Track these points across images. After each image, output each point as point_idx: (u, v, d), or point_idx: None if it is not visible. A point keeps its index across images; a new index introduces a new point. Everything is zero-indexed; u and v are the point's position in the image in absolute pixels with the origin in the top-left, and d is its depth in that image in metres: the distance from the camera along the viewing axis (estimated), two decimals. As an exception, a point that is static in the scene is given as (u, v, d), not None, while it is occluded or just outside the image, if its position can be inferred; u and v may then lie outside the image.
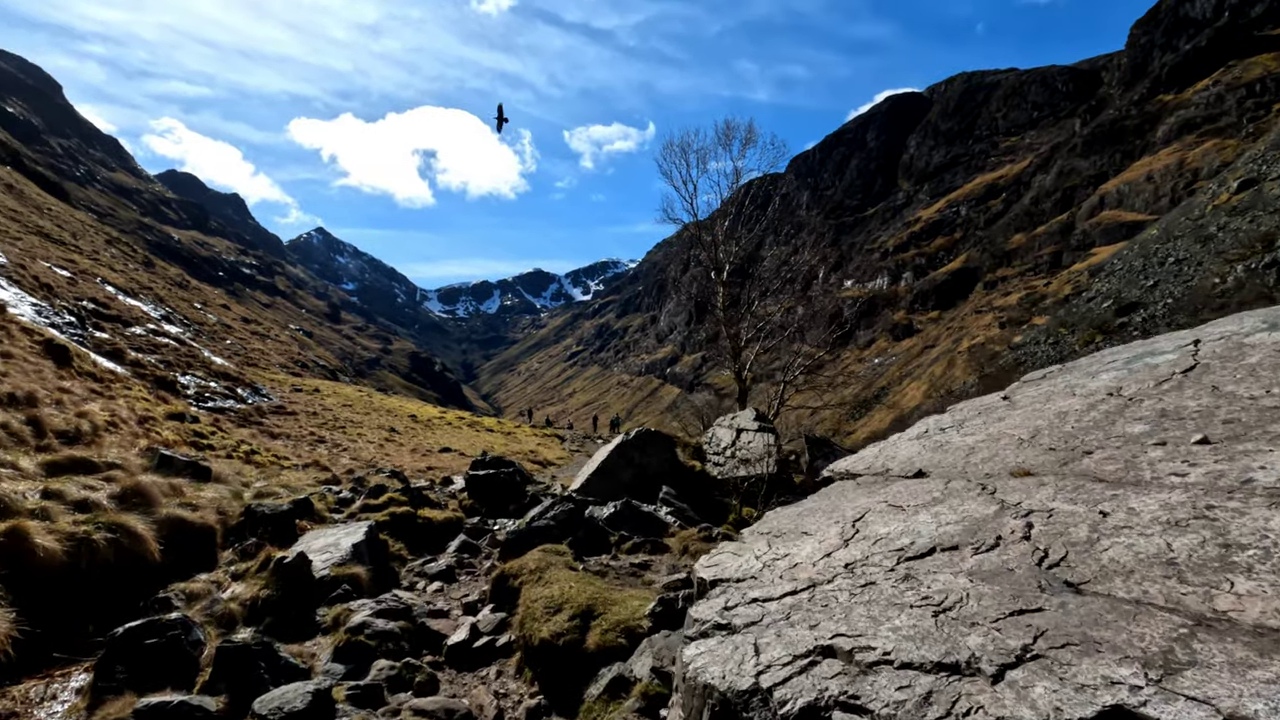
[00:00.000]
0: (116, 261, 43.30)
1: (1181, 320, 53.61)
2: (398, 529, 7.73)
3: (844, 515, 2.81)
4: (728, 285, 21.58)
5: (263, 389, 21.39)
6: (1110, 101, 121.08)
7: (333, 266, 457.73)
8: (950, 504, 2.53)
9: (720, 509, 8.67)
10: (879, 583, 2.08)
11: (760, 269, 22.12)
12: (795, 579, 2.26)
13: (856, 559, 2.27)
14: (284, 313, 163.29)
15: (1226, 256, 57.06)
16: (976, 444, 3.20)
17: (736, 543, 2.99)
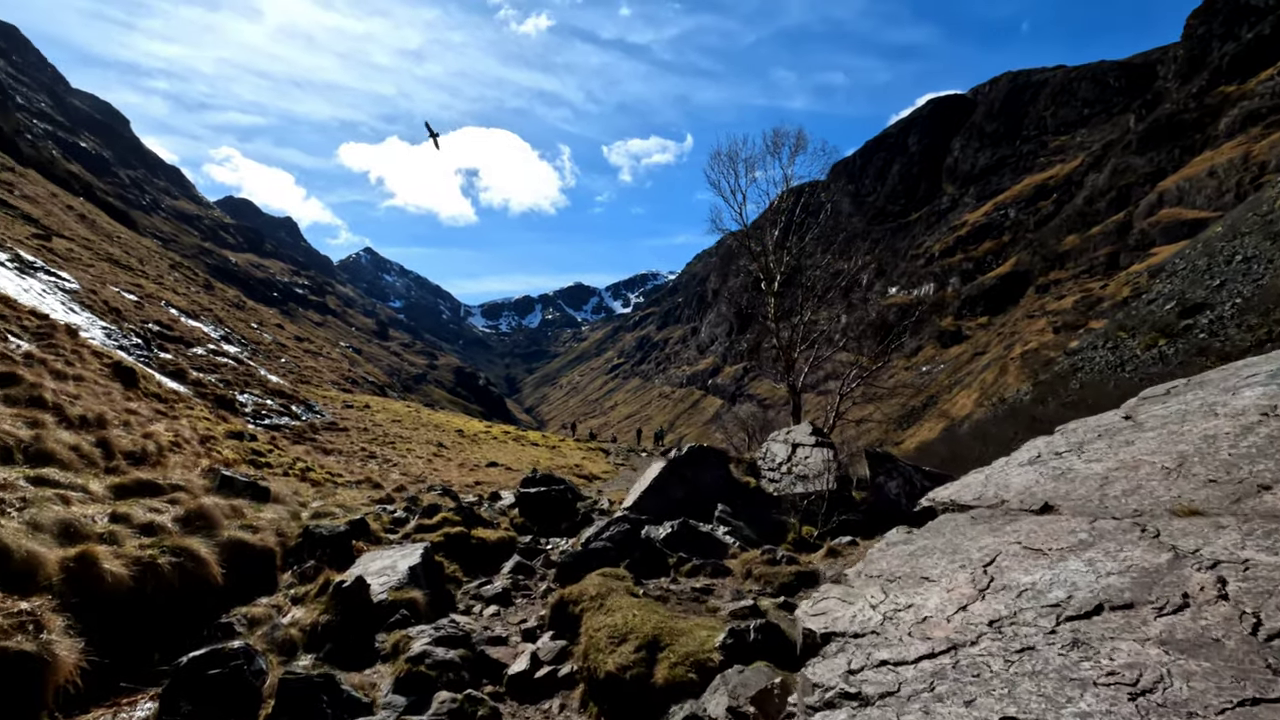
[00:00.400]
0: (179, 285, 45.22)
1: (1253, 321, 50.83)
2: (452, 550, 7.66)
3: (969, 558, 2.53)
4: (779, 296, 21.28)
5: (316, 406, 21.89)
6: (1167, 95, 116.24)
7: (380, 285, 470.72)
8: (1104, 548, 2.22)
9: (778, 527, 8.40)
10: (1039, 648, 1.78)
11: (812, 278, 21.67)
12: (929, 637, 2.00)
13: (1002, 615, 1.98)
14: (334, 331, 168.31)
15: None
16: (1109, 473, 2.87)
17: (842, 586, 2.74)
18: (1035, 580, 2.11)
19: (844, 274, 21.71)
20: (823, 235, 22.20)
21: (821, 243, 21.91)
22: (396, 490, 12.02)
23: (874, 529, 7.78)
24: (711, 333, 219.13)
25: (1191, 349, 53.06)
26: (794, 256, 21.50)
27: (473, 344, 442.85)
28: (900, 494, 8.64)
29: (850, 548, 6.67)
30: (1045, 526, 2.50)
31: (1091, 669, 1.65)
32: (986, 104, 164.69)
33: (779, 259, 21.47)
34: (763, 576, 5.88)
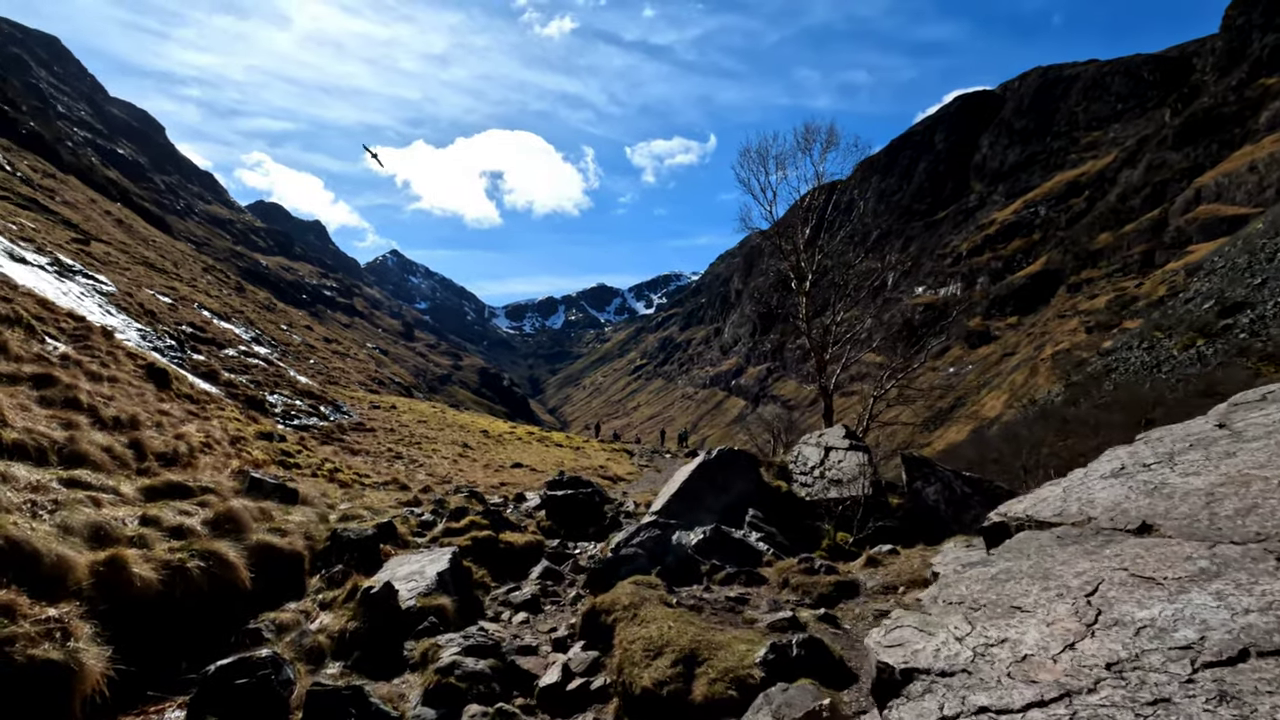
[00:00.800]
0: (212, 288, 46.10)
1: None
2: (480, 554, 7.61)
3: (1066, 585, 2.28)
4: (809, 295, 20.82)
5: (344, 406, 22.10)
6: (1204, 89, 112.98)
7: (406, 287, 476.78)
8: (1233, 579, 1.96)
9: (811, 534, 8.20)
10: (1177, 700, 1.54)
11: (844, 277, 21.30)
12: (1034, 680, 1.77)
13: (1121, 657, 1.74)
14: (362, 332, 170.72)
15: (1349, 250, 52.10)
16: (1214, 488, 2.59)
17: (917, 614, 2.51)
18: (1154, 615, 1.86)
19: (876, 273, 21.37)
20: (854, 233, 21.84)
21: (853, 241, 21.59)
22: (423, 492, 11.98)
23: (913, 537, 7.52)
24: (735, 333, 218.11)
25: (1231, 349, 51.47)
26: (825, 255, 21.11)
27: (497, 345, 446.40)
28: (939, 500, 8.40)
29: (891, 556, 6.42)
30: (1152, 550, 2.24)
31: (1249, 734, 1.40)
32: (1016, 100, 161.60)
33: (810, 257, 21.05)
34: (800, 586, 5.73)
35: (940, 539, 6.95)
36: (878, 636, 2.39)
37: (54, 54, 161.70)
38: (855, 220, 21.99)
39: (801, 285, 21.11)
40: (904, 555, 6.37)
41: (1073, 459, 33.91)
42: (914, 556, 6.19)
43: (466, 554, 7.28)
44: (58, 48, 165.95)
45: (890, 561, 6.29)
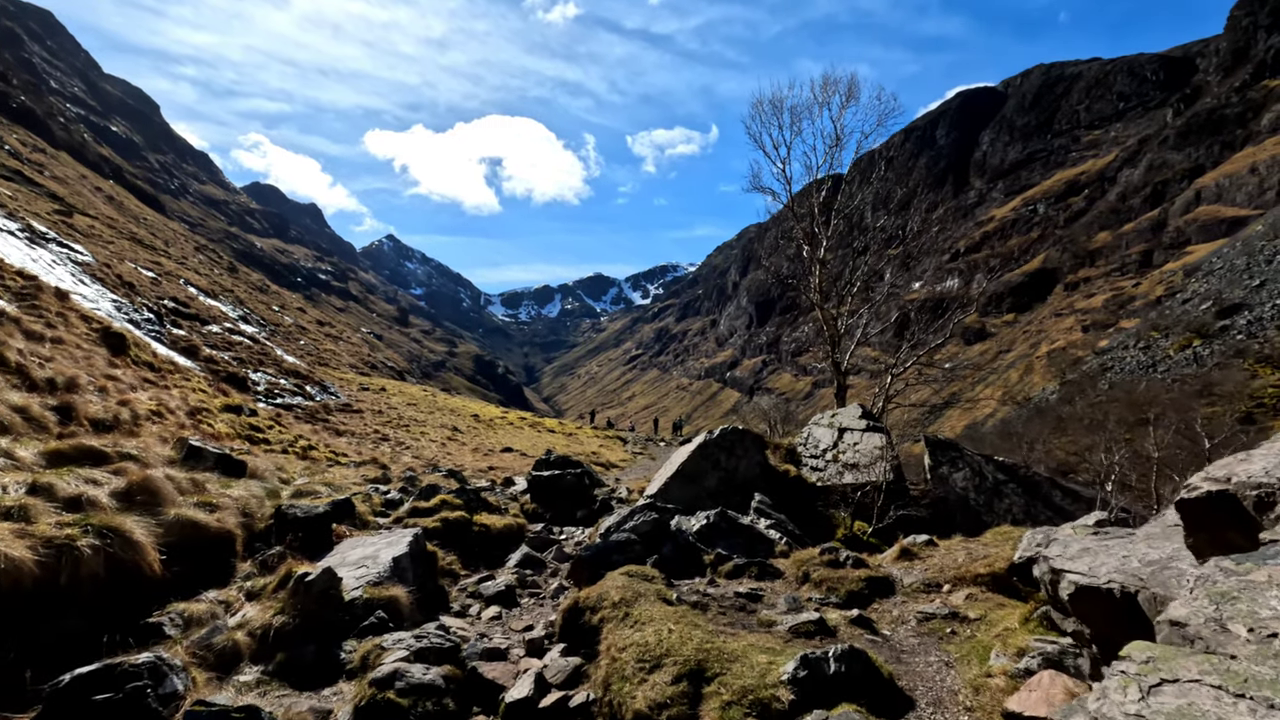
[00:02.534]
0: (203, 266, 45.04)
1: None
2: (450, 538, 6.81)
3: None
4: (825, 264, 19.10)
5: (331, 387, 21.27)
6: (1207, 89, 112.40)
7: (402, 272, 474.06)
8: None
9: (823, 522, 7.48)
10: None
11: (865, 241, 19.67)
12: None
13: None
14: (356, 316, 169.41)
15: (1350, 253, 51.76)
16: None
17: (1195, 659, 1.50)
18: None
19: (904, 235, 19.54)
20: (876, 194, 20.18)
21: (876, 202, 20.01)
22: (402, 473, 11.27)
23: (944, 528, 6.79)
24: (731, 325, 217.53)
25: (1228, 350, 51.09)
26: (843, 218, 19.41)
27: (492, 332, 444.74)
28: (968, 487, 7.73)
29: (928, 549, 5.66)
30: None
31: None
32: (1017, 97, 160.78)
33: (826, 221, 19.40)
34: (824, 582, 4.94)
35: (976, 531, 6.21)
36: (1130, 704, 1.38)
37: (48, 28, 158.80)
38: (876, 181, 20.28)
39: (815, 251, 19.36)
40: (943, 547, 5.58)
41: (1067, 458, 33.44)
42: (955, 548, 5.39)
43: (433, 537, 6.55)
44: (51, 22, 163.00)
45: (927, 554, 5.50)
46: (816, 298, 18.95)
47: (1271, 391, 40.61)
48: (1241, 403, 39.47)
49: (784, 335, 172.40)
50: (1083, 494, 8.62)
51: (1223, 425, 21.31)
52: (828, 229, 19.28)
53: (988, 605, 4.45)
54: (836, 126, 19.06)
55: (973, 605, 4.48)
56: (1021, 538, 5.14)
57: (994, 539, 5.52)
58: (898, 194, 20.98)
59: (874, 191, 19.98)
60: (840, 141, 19.07)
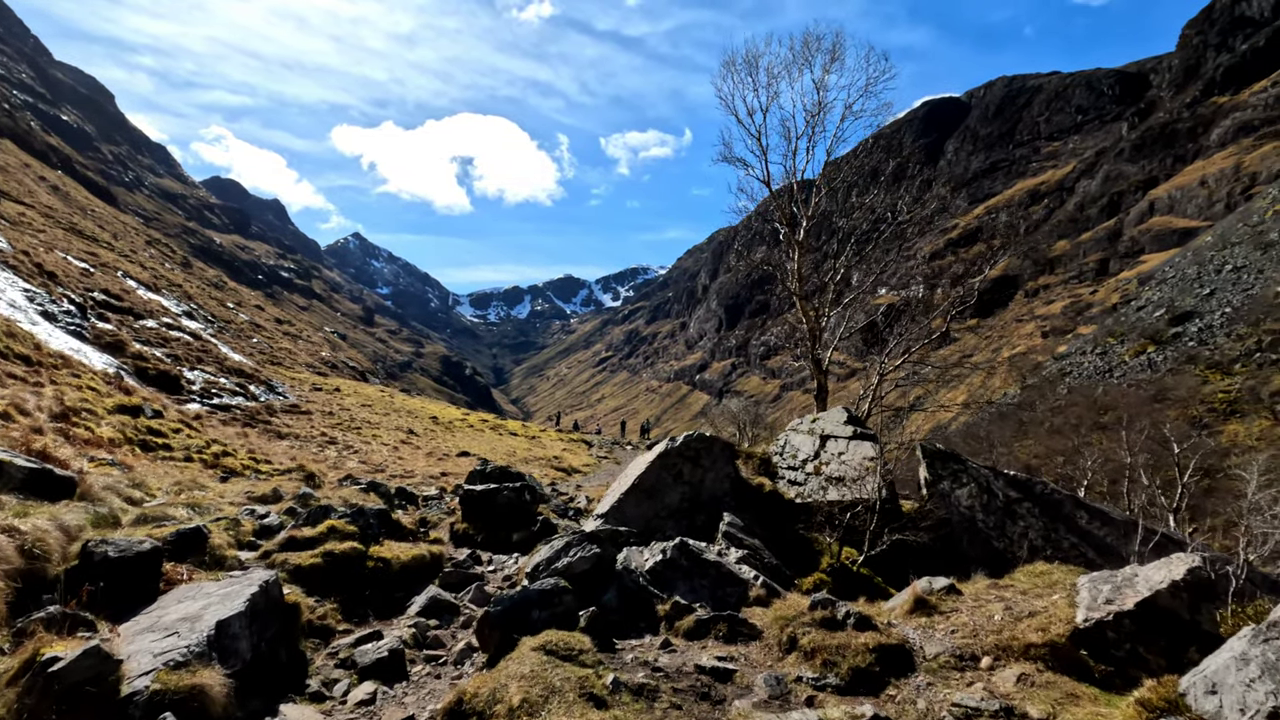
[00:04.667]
0: (152, 261, 43.60)
1: (1242, 331, 50.69)
2: (332, 579, 5.57)
3: None
4: (804, 248, 16.89)
5: (279, 387, 20.67)
6: (1160, 104, 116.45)
7: (368, 271, 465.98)
8: None
9: (803, 547, 6.51)
10: None
11: (852, 221, 17.43)
12: None
13: None
14: (319, 315, 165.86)
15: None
16: None
17: None
18: None
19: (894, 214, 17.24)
20: (862, 168, 17.97)
21: (863, 180, 17.93)
22: (344, 482, 10.75)
23: (951, 556, 5.93)
24: (700, 328, 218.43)
25: (1181, 357, 52.85)
26: (824, 197, 17.22)
27: (460, 333, 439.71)
28: (974, 506, 6.73)
29: (949, 599, 4.50)
30: None
31: None
32: (981, 108, 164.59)
33: (807, 200, 17.25)
34: (818, 651, 3.77)
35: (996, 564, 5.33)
36: None
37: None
38: (862, 155, 18.05)
39: (793, 233, 17.08)
40: (969, 596, 4.52)
41: (1030, 460, 34.21)
42: (985, 599, 4.34)
43: (306, 579, 5.42)
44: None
45: (950, 606, 4.40)
46: (795, 286, 16.87)
47: (1221, 396, 42.11)
48: (1194, 407, 40.82)
49: (753, 338, 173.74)
50: (1111, 515, 7.45)
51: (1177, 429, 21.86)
52: (808, 208, 17.22)
53: (1054, 695, 3.29)
54: (819, 91, 16.74)
55: (1032, 695, 3.29)
56: (1078, 587, 4.15)
57: (1031, 582, 4.61)
58: (889, 166, 18.62)
59: (859, 168, 17.92)
60: (823, 108, 16.83)
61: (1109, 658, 3.58)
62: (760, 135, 16.93)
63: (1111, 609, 3.70)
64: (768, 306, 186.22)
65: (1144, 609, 3.64)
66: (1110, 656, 3.55)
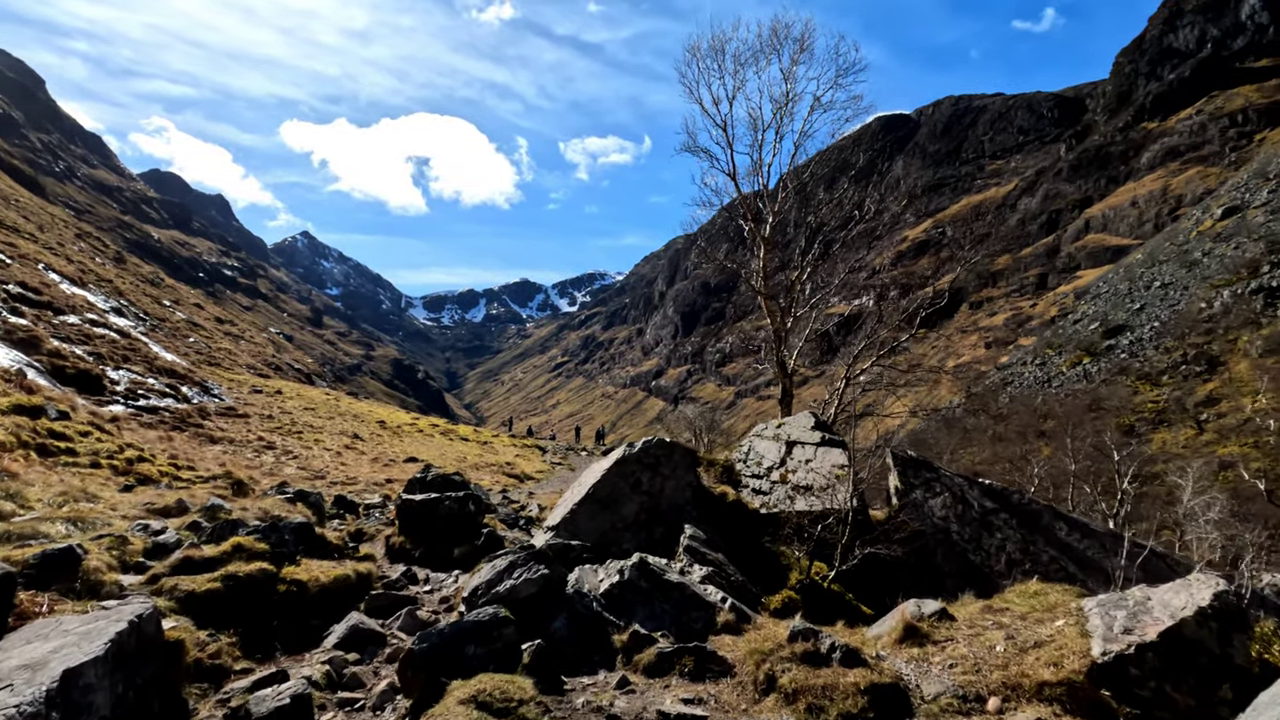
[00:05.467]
0: (82, 255, 41.23)
1: (1169, 344, 53.41)
2: (234, 605, 4.76)
3: None
4: (770, 244, 16.43)
5: (215, 388, 19.66)
6: (1095, 128, 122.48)
7: (317, 271, 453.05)
8: None
9: (771, 563, 6.15)
10: None
11: (820, 216, 16.96)
12: None
13: None
14: (265, 316, 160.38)
15: (1213, 282, 57.19)
16: None
17: None
18: None
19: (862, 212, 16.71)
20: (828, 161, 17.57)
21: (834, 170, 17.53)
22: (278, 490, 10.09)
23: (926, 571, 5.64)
24: (657, 335, 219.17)
25: (1113, 368, 55.37)
26: (791, 191, 16.87)
27: (413, 336, 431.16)
28: (949, 517, 6.45)
29: (943, 626, 4.07)
30: None
31: None
32: (930, 125, 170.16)
33: (773, 194, 16.82)
34: (800, 692, 3.28)
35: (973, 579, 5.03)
36: None
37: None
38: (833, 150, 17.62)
39: (759, 229, 16.52)
40: (963, 622, 4.13)
41: (975, 467, 35.17)
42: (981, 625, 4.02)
43: (201, 608, 4.58)
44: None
45: (944, 634, 3.97)
46: (760, 284, 16.36)
47: (1150, 406, 44.19)
48: (1126, 416, 42.66)
49: (709, 345, 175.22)
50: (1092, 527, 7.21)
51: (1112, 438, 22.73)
52: (775, 204, 16.79)
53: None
54: (788, 81, 15.99)
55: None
56: (1085, 612, 3.75)
57: (1026, 604, 4.23)
58: (860, 159, 18.80)
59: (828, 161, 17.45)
60: (791, 100, 16.15)
61: (1133, 698, 3.18)
62: (726, 125, 16.23)
63: (1132, 640, 3.34)
64: (723, 314, 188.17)
65: (1168, 640, 3.23)
66: (1134, 697, 3.19)
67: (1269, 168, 68.43)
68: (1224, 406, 41.24)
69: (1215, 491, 13.55)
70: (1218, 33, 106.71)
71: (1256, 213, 62.85)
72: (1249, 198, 66.24)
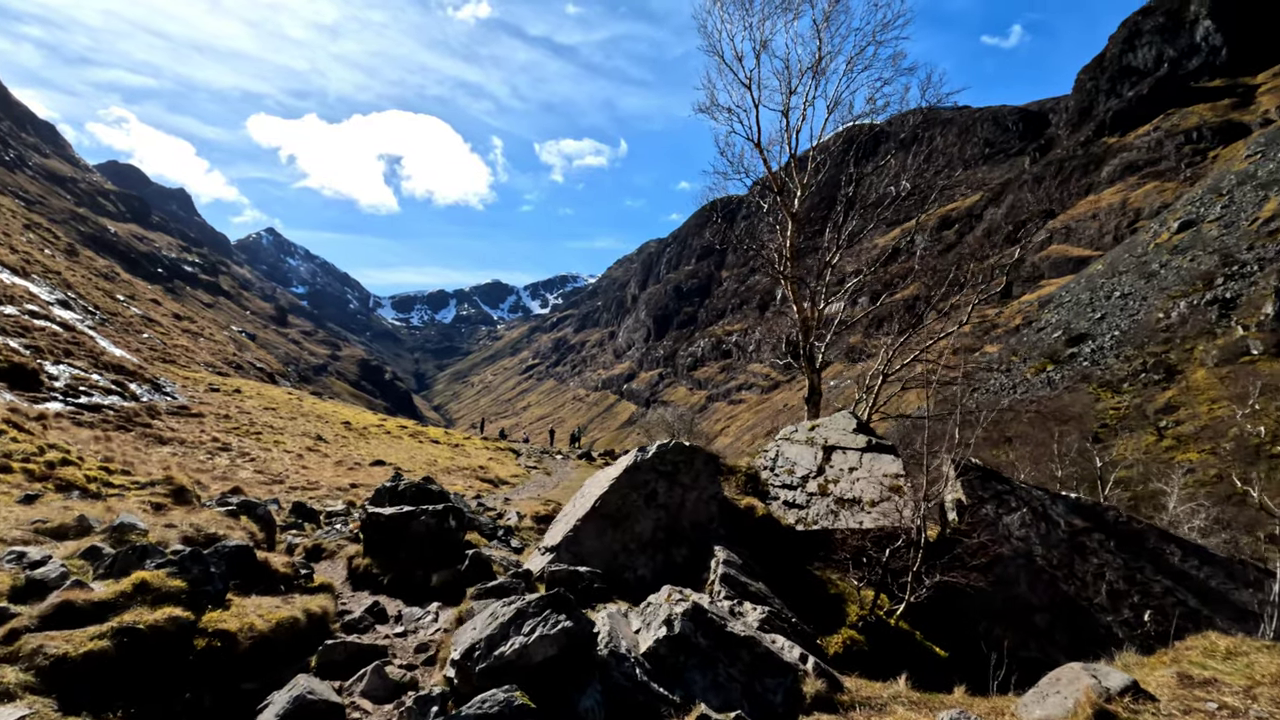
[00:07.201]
0: (29, 246, 39.35)
1: (1129, 353, 54.81)
2: (128, 672, 3.47)
3: None
4: (799, 220, 14.53)
5: (168, 386, 18.68)
6: (1058, 141, 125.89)
7: (282, 269, 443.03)
8: None
9: (817, 592, 5.09)
10: None
11: (861, 188, 14.85)
12: None
13: None
14: (227, 313, 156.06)
15: (1170, 293, 58.94)
16: None
17: None
18: None
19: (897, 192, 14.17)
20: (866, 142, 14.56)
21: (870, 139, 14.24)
22: (229, 495, 9.37)
23: (1010, 607, 4.37)
24: (629, 338, 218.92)
25: (1076, 375, 56.67)
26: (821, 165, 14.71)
27: (381, 336, 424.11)
28: (1030, 536, 5.44)
29: (1143, 709, 2.96)
30: None
31: None
32: (882, 144, 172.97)
33: (803, 164, 14.86)
34: None
35: (1071, 616, 4.03)
36: None
37: None
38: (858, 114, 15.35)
39: (787, 201, 14.67)
40: (1171, 704, 3.01)
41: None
42: (1197, 705, 2.99)
43: (74, 681, 3.28)
44: None
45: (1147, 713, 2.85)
46: (786, 267, 14.46)
47: (1111, 414, 45.17)
48: (1090, 422, 43.48)
49: (681, 349, 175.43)
50: (1211, 553, 6.15)
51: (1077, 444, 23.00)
52: (804, 174, 14.86)
53: None
54: (820, 38, 13.92)
55: None
56: None
57: (1237, 672, 3.16)
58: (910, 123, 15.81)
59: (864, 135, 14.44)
60: (821, 60, 14.47)
61: None
62: (751, 84, 14.33)
63: None
64: (695, 318, 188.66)
65: None
66: None
67: (1222, 184, 70.87)
68: (1182, 414, 42.31)
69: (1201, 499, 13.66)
70: (1174, 53, 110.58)
71: (1211, 227, 64.98)
72: (1204, 212, 68.49)
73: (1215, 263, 57.66)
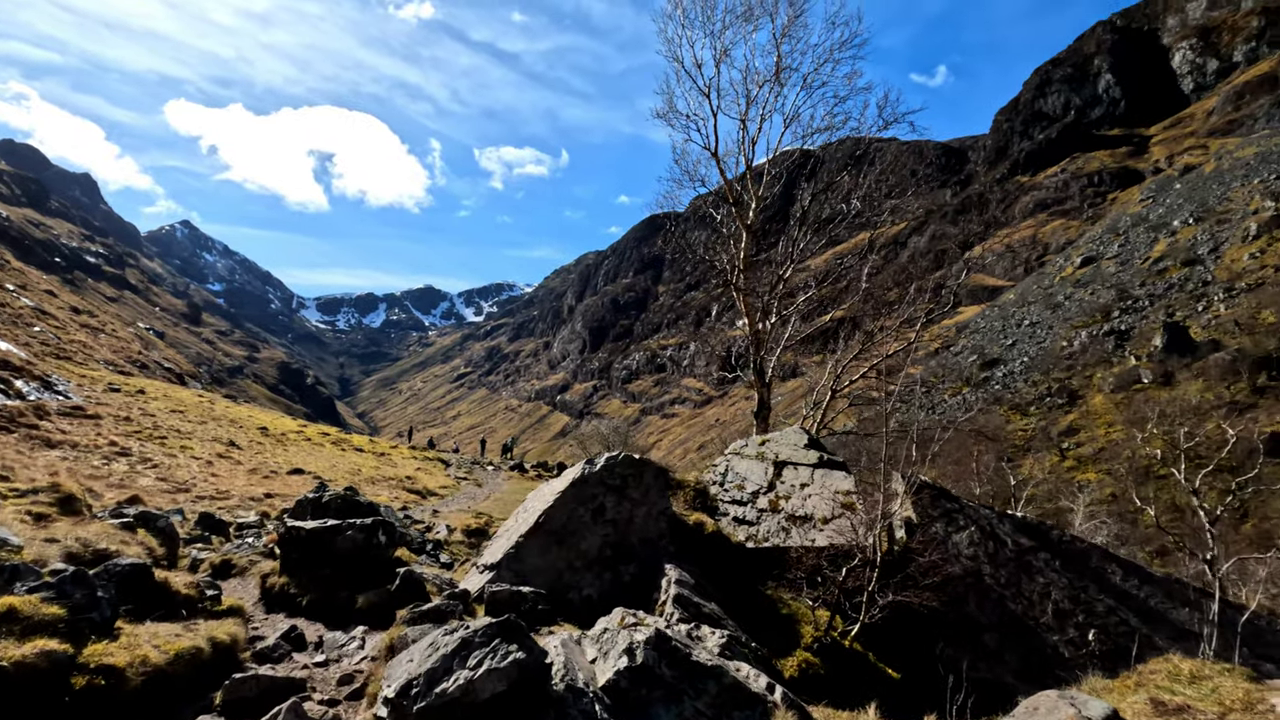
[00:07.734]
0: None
1: (1036, 378, 58.40)
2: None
3: None
4: (754, 232, 14.38)
5: (60, 384, 17.17)
6: (976, 177, 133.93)
7: (197, 264, 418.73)
8: None
9: (769, 613, 4.97)
10: None
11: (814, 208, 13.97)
12: None
13: None
14: (133, 309, 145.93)
15: (1073, 323, 63.30)
16: None
17: None
18: None
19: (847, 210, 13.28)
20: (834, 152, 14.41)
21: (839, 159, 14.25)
22: (126, 505, 8.59)
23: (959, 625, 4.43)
24: (564, 349, 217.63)
25: (989, 398, 59.86)
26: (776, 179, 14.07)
27: (304, 339, 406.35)
28: (979, 555, 5.51)
29: None
30: None
31: None
32: (832, 162, 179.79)
33: (759, 176, 14.63)
34: None
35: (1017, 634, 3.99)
36: None
37: None
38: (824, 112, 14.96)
39: (742, 213, 14.66)
40: None
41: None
42: None
43: None
44: None
45: None
46: (738, 278, 14.18)
47: (1020, 435, 47.87)
48: (1002, 443, 45.93)
49: (616, 362, 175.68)
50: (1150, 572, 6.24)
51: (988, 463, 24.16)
52: (759, 186, 14.48)
53: None
54: (779, 49, 14.03)
55: None
56: None
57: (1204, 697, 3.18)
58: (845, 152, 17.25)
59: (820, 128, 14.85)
60: (780, 71, 14.52)
61: None
62: (710, 92, 14.35)
63: None
64: (632, 331, 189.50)
65: None
66: None
67: (1119, 224, 76.90)
68: (1082, 436, 45.27)
69: (1103, 517, 14.67)
70: (1080, 101, 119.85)
71: (1109, 264, 70.33)
72: (1103, 250, 74.13)
73: (1112, 297, 62.33)
